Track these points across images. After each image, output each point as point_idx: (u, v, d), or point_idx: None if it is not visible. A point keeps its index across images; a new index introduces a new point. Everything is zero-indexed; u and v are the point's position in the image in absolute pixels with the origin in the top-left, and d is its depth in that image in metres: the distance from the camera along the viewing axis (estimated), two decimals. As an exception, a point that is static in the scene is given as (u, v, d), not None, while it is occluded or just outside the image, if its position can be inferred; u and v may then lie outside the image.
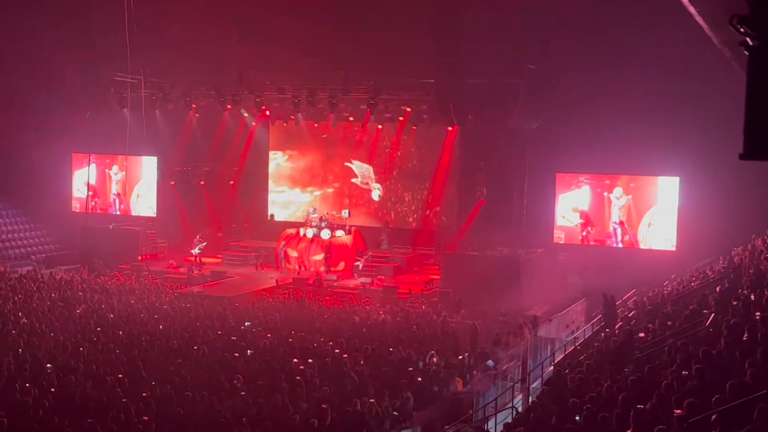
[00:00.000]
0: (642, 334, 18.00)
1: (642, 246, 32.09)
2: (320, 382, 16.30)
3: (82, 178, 40.24)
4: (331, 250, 34.26)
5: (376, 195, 38.01)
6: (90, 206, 40.17)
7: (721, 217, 28.71)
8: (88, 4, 34.45)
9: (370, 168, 37.87)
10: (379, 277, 32.27)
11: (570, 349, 21.05)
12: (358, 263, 32.69)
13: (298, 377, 16.46)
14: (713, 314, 16.23)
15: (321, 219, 35.19)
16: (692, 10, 10.34)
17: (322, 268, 33.76)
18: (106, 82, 36.04)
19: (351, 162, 38.15)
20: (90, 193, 40.18)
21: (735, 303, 16.12)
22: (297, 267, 33.90)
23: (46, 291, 26.69)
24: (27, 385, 15.65)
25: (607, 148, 30.94)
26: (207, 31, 34.11)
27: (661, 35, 27.97)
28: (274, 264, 34.91)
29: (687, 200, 31.11)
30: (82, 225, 37.60)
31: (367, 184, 37.98)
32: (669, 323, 17.84)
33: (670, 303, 21.34)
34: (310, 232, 34.81)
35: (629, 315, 23.48)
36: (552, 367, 18.93)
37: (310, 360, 18.06)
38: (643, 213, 32.07)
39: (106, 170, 41.02)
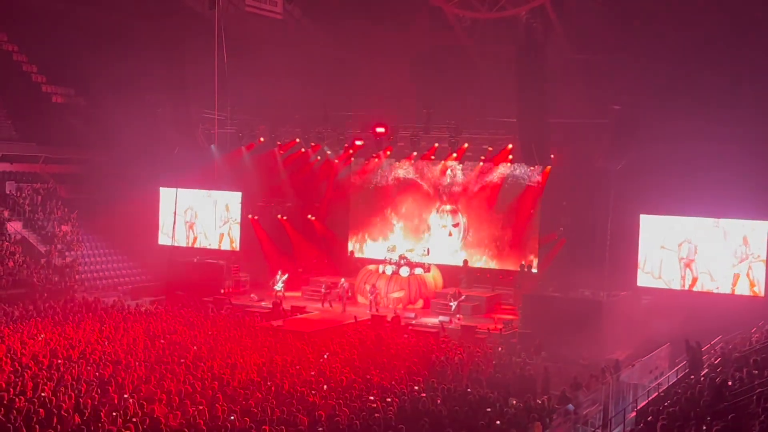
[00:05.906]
0: (729, 383, 17.46)
1: (731, 291, 31.11)
2: (397, 420, 16.25)
3: (169, 212, 40.95)
4: (410, 288, 34.30)
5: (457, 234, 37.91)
6: (175, 240, 40.65)
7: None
8: (182, 44, 35.45)
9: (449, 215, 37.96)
10: (458, 316, 32.06)
11: (653, 396, 20.53)
12: (452, 303, 32.45)
13: (377, 414, 16.46)
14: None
15: (400, 256, 35.28)
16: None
17: (400, 306, 33.79)
18: (195, 119, 37.00)
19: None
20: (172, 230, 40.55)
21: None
22: (372, 302, 33.89)
23: (131, 322, 27.34)
24: (113, 414, 16.04)
25: (693, 190, 30.21)
26: (293, 71, 34.93)
27: (752, 76, 27.42)
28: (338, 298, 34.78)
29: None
30: (168, 258, 38.39)
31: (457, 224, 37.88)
32: (756, 371, 17.28)
33: (757, 351, 20.68)
34: (389, 269, 34.97)
35: (715, 362, 22.80)
36: (634, 413, 18.48)
37: (388, 399, 18.04)
38: (732, 257, 31.17)
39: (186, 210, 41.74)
